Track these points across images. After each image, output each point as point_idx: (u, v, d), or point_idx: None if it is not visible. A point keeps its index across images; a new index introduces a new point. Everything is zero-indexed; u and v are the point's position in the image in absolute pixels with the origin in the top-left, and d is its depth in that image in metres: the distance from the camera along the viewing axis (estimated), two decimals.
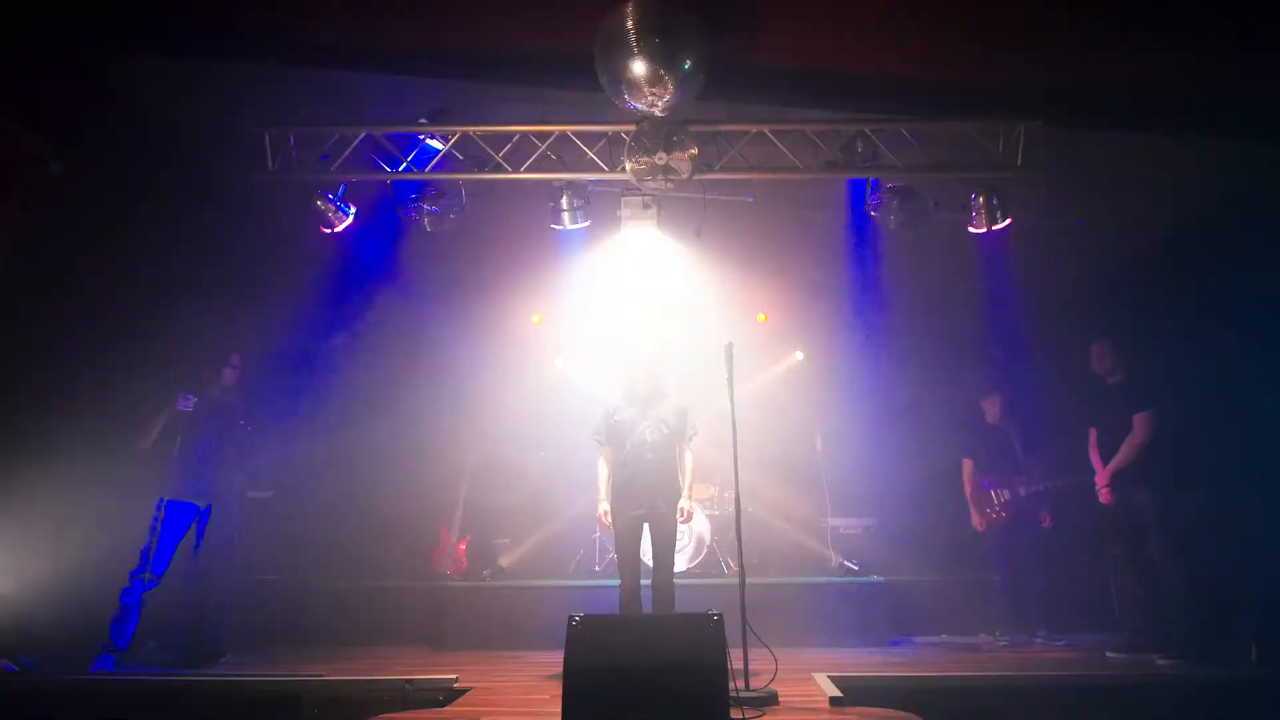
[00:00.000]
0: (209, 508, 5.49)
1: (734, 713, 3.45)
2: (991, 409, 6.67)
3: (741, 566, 4.29)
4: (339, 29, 4.92)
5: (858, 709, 3.84)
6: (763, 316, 8.52)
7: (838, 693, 4.03)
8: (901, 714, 3.68)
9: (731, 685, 3.55)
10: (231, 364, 5.73)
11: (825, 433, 7.85)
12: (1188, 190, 5.80)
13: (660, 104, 4.39)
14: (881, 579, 6.70)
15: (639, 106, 4.46)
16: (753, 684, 4.02)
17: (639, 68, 4.22)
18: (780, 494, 7.61)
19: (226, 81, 5.20)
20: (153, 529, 5.24)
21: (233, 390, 5.77)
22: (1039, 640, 6.11)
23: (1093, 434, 5.70)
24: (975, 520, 6.50)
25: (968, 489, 6.57)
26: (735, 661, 3.83)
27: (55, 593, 5.07)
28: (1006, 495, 6.41)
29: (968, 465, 6.60)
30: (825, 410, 7.92)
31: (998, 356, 7.27)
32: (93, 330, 5.62)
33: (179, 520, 5.35)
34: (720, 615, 3.45)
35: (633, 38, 4.17)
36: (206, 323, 6.02)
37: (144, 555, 5.20)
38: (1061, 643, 6.04)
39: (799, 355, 8.51)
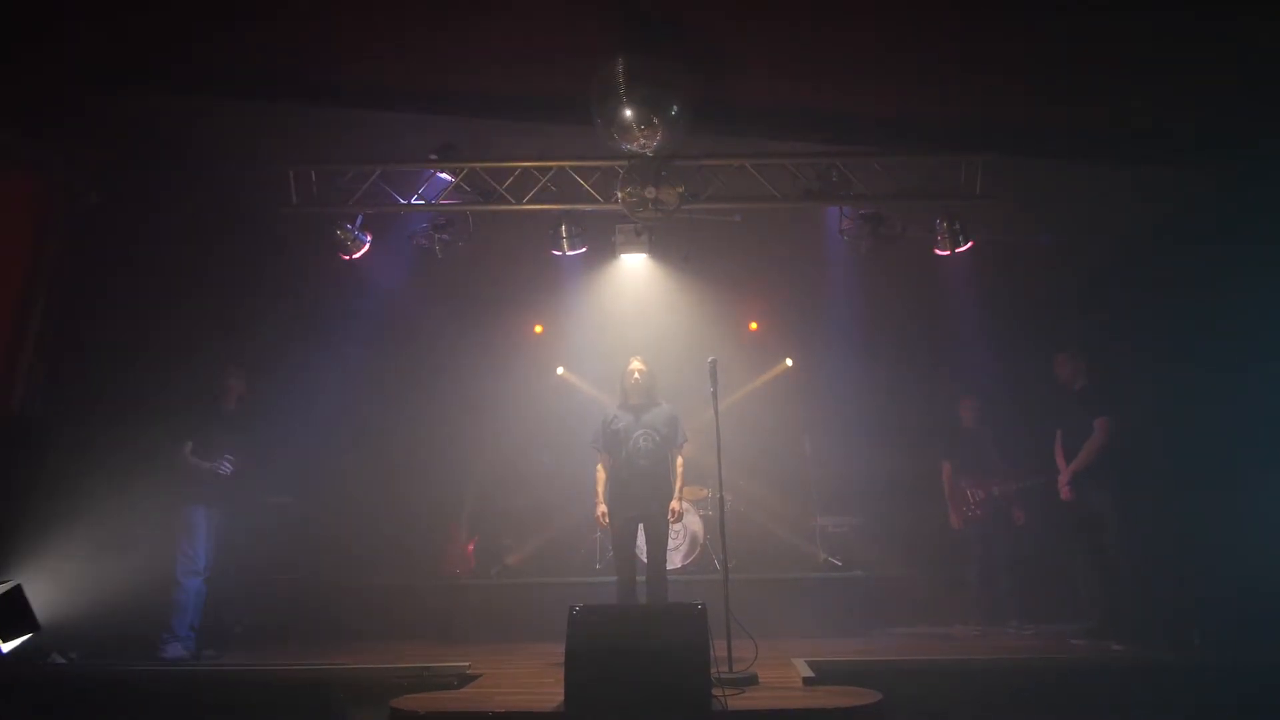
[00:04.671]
0: (225, 510, 5.85)
1: (716, 692, 3.81)
2: (968, 413, 7.04)
3: (725, 560, 4.71)
4: (358, 74, 5.34)
5: (826, 688, 4.24)
6: (754, 325, 8.89)
7: (811, 674, 4.43)
8: (865, 691, 4.09)
9: (715, 669, 3.92)
10: (234, 375, 6.00)
11: (813, 435, 8.19)
12: (1136, 212, 6.23)
13: (650, 146, 4.82)
14: (863, 574, 7.05)
15: (630, 147, 4.89)
16: (735, 668, 4.40)
17: (629, 113, 4.65)
18: (770, 494, 7.96)
19: (254, 122, 5.61)
20: (187, 532, 5.64)
21: (243, 401, 6.05)
22: (1011, 630, 6.45)
23: (1058, 436, 6.06)
24: (953, 519, 6.86)
25: (946, 490, 6.94)
26: (721, 649, 4.24)
27: (96, 594, 5.39)
28: (982, 495, 6.76)
29: (946, 468, 6.96)
30: (813, 414, 8.27)
31: (973, 362, 7.59)
32: (130, 348, 5.99)
33: (202, 523, 5.72)
34: (704, 605, 3.83)
35: (623, 86, 4.61)
36: (236, 341, 6.43)
37: (186, 556, 5.61)
38: (1031, 631, 6.38)
39: (788, 362, 8.85)
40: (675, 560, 7.09)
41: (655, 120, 4.65)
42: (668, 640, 3.75)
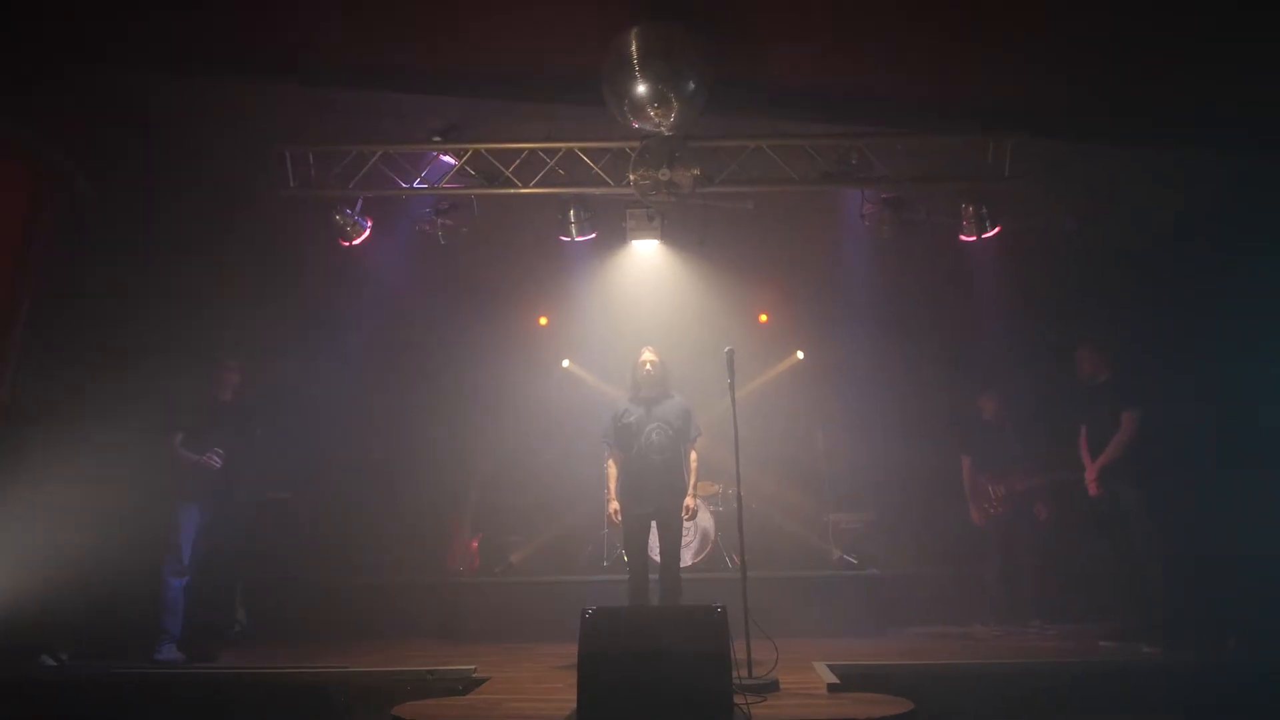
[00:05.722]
0: (216, 506, 5.66)
1: (737, 699, 3.62)
2: (988, 406, 6.86)
3: (744, 562, 4.51)
4: (356, 52, 5.14)
5: (853, 695, 4.05)
6: (764, 317, 8.70)
7: (835, 680, 4.24)
8: (894, 699, 3.90)
9: (735, 674, 3.73)
10: (231, 367, 5.83)
11: (826, 430, 7.99)
12: (1169, 197, 6.02)
13: (664, 124, 4.60)
14: (879, 572, 6.88)
15: (643, 126, 4.67)
16: (755, 672, 4.22)
17: (643, 90, 4.43)
18: (782, 490, 7.76)
19: (248, 102, 5.41)
20: (174, 528, 5.47)
21: (239, 393, 5.88)
22: (1032, 629, 6.30)
23: (1083, 431, 5.89)
24: (974, 515, 6.70)
25: (966, 484, 6.76)
26: (740, 652, 4.06)
27: (87, 594, 5.26)
28: (1003, 490, 6.59)
29: (966, 462, 6.79)
30: (825, 408, 8.08)
31: (993, 355, 7.41)
32: (121, 338, 5.85)
33: (193, 519, 5.55)
34: (724, 607, 3.64)
35: (637, 62, 4.39)
36: (229, 330, 6.26)
37: (173, 554, 5.45)
38: (1053, 632, 6.22)
39: (799, 354, 8.65)
40: (686, 558, 6.89)
41: (670, 97, 4.43)
42: (686, 645, 3.57)
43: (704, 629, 3.60)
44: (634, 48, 4.39)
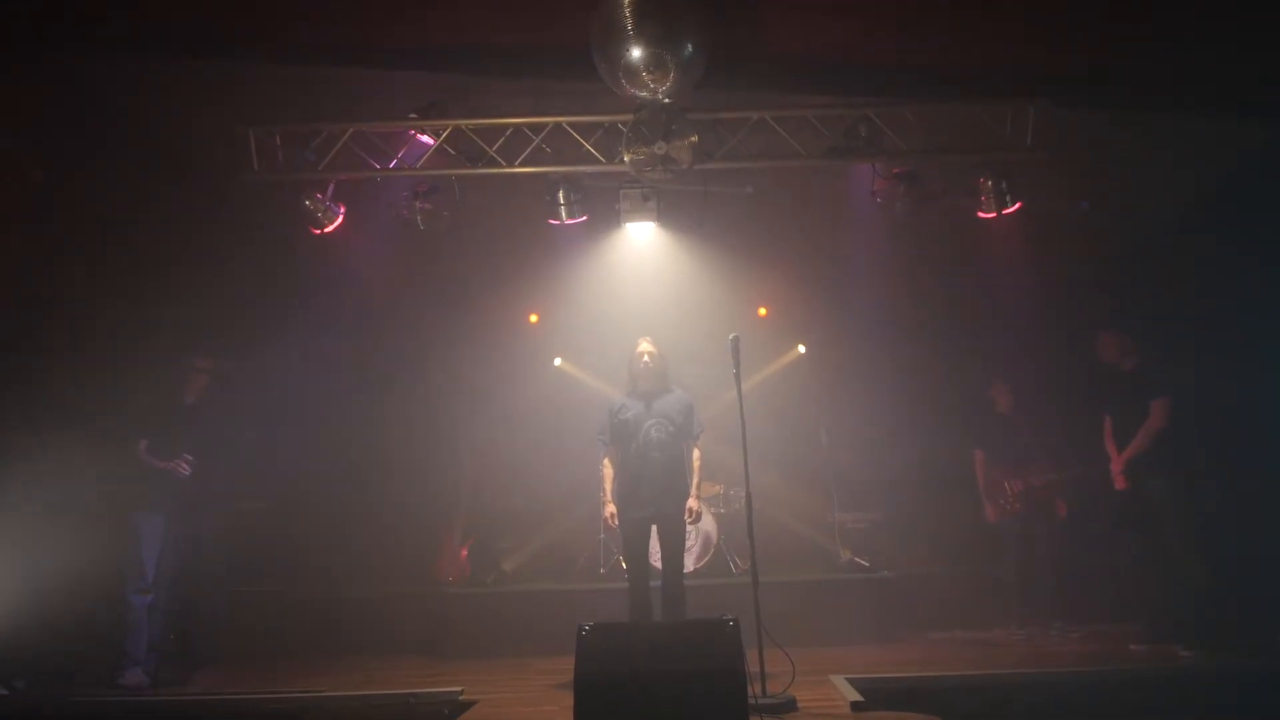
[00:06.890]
0: (184, 517, 5.36)
1: None
2: (1001, 398, 6.61)
3: (755, 569, 4.15)
4: (325, 26, 4.78)
5: (879, 714, 3.74)
6: (763, 310, 8.42)
7: (858, 697, 3.93)
8: (925, 718, 3.56)
9: (750, 693, 3.43)
10: (200, 368, 5.50)
11: (830, 426, 7.70)
12: (1198, 170, 5.72)
13: (661, 90, 4.26)
14: (890, 574, 6.60)
15: (639, 94, 4.32)
16: (769, 688, 3.90)
17: (638, 53, 4.10)
18: (786, 490, 7.51)
19: (210, 81, 5.05)
20: (136, 542, 5.16)
21: (207, 394, 5.55)
22: (1054, 632, 6.04)
23: (1107, 421, 5.61)
24: (988, 512, 6.44)
25: (980, 480, 6.51)
26: (752, 664, 3.72)
27: (44, 615, 4.96)
28: (1020, 486, 6.33)
29: (979, 456, 6.54)
30: (829, 403, 7.81)
31: (1006, 344, 7.16)
32: (78, 337, 5.52)
33: (157, 531, 5.23)
34: (736, 620, 3.36)
35: (631, 22, 4.05)
36: (194, 329, 5.92)
37: (135, 571, 5.14)
38: (1077, 634, 5.97)
39: (801, 348, 8.37)
40: (688, 563, 6.53)
41: (667, 60, 4.08)
42: (695, 664, 3.26)
43: (715, 645, 3.31)
44: (625, 8, 4.03)
